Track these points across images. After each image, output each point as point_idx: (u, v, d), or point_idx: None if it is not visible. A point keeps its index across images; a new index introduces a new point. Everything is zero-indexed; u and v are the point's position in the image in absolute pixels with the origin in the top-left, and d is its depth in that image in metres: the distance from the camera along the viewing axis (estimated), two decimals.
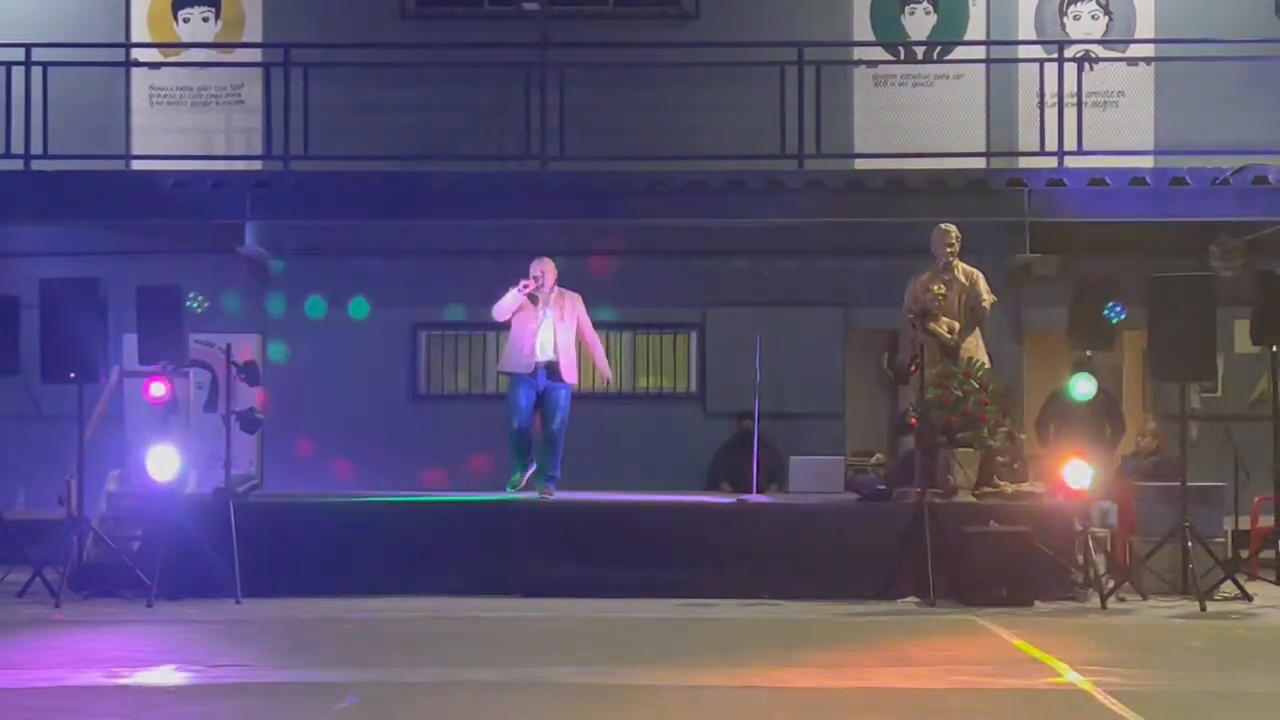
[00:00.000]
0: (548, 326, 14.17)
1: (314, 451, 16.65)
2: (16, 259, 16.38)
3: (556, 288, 14.28)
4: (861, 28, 17.36)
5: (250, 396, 14.86)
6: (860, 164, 16.71)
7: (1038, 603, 12.97)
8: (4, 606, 12.81)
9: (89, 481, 13.95)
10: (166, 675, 10.04)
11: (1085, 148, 16.26)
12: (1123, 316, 13.45)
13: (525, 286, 14.11)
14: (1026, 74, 16.90)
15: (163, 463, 13.24)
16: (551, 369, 14.18)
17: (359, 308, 16.97)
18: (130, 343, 14.43)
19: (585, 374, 14.95)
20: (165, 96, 17.40)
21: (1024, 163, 16.70)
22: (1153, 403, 16.61)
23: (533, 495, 14.18)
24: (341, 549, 13.49)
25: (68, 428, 13.80)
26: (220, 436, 13.57)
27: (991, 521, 13.28)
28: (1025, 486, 14.23)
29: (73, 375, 13.43)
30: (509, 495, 14.10)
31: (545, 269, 14.24)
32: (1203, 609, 12.76)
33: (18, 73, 16.28)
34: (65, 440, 13.92)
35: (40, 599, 12.98)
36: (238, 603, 12.89)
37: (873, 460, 16.54)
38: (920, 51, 17.37)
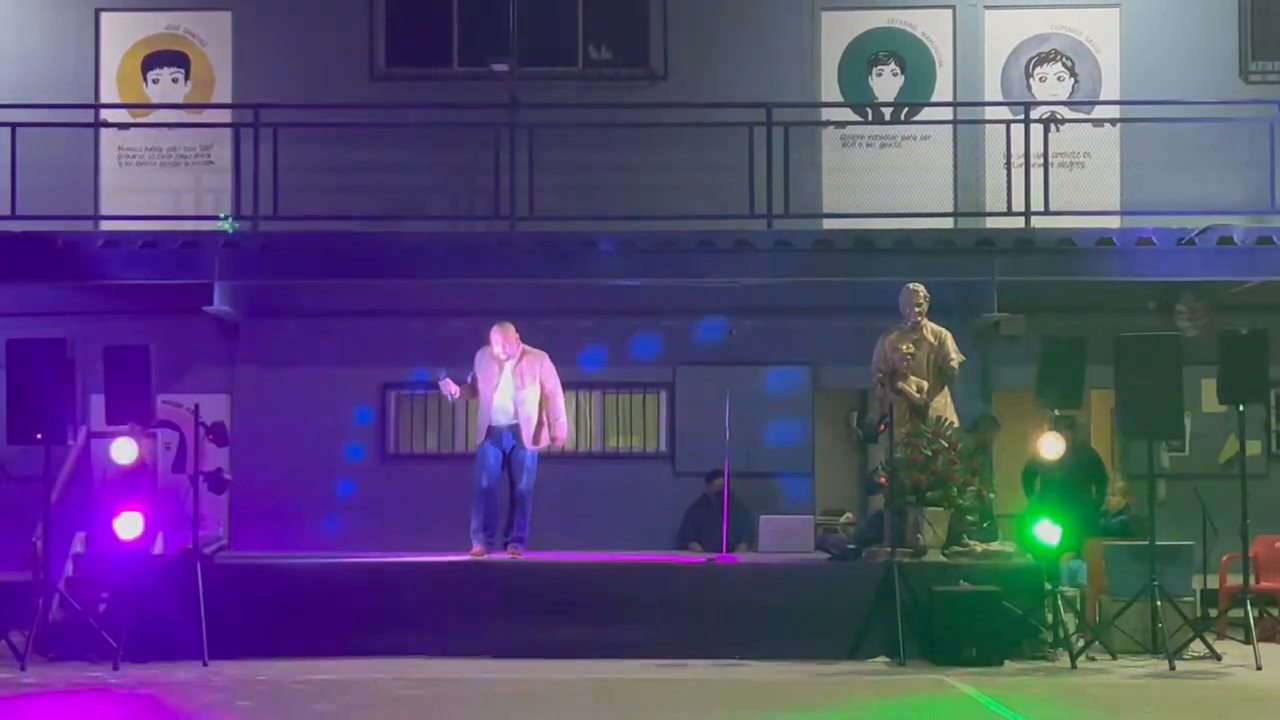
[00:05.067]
0: (505, 391, 14.16)
1: (282, 512, 16.55)
2: None
3: (522, 347, 14.28)
4: (829, 89, 17.46)
5: (218, 457, 14.81)
6: (828, 224, 16.76)
7: (1008, 662, 12.97)
8: None
9: (55, 543, 13.86)
10: None
11: (1052, 208, 16.33)
12: None
13: (451, 394, 14.31)
14: (993, 135, 16.98)
15: (129, 524, 13.18)
16: (514, 432, 14.17)
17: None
18: (98, 403, 14.37)
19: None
20: (134, 157, 17.39)
21: (991, 222, 16.76)
22: (1121, 461, 16.65)
23: (502, 556, 14.15)
24: (310, 610, 13.44)
25: (34, 489, 13.72)
26: (188, 497, 13.51)
27: (961, 581, 13.29)
28: (995, 546, 14.23)
29: (39, 436, 13.36)
30: (477, 556, 14.06)
31: (506, 336, 14.21)
32: (1172, 668, 12.77)
33: None
34: (31, 501, 13.83)
35: (5, 662, 12.87)
36: (205, 665, 12.82)
37: (842, 519, 16.54)
38: (888, 113, 17.47)
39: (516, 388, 14.17)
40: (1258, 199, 16.45)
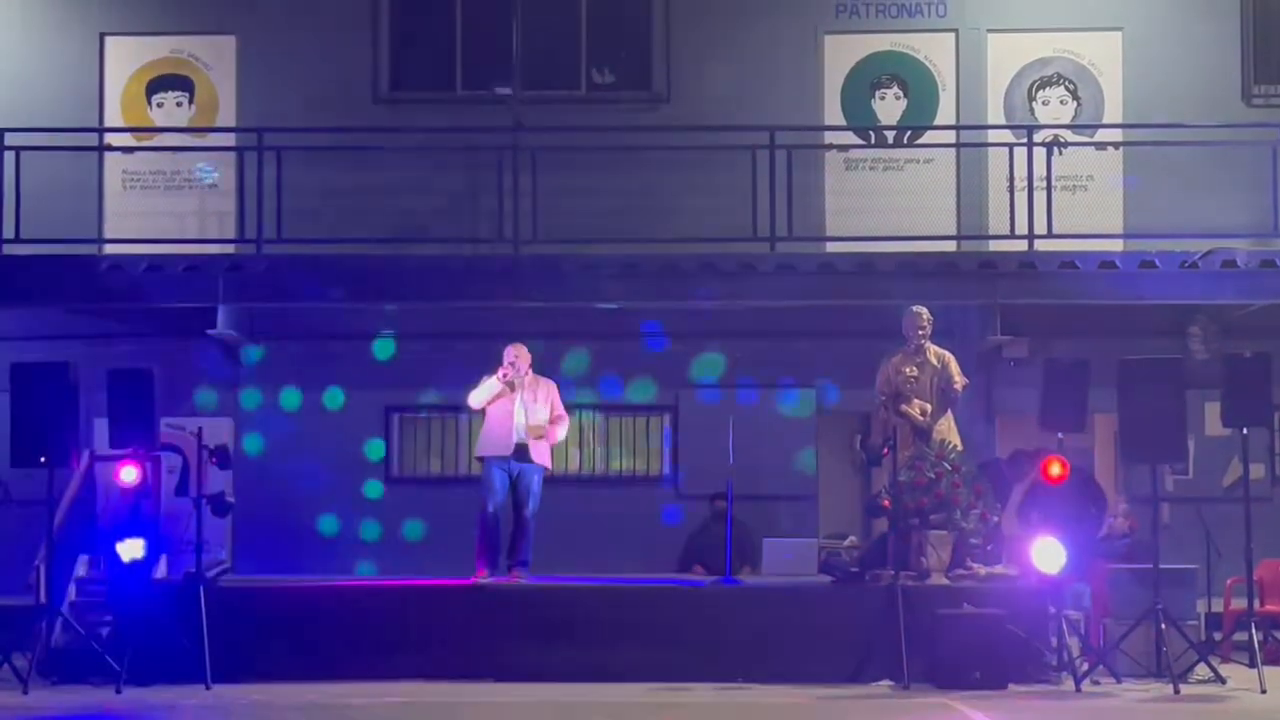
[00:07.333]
0: (520, 411, 14.16)
1: (285, 535, 16.54)
2: None
3: (531, 373, 14.29)
4: (832, 112, 17.48)
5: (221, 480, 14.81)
6: (832, 247, 16.75)
7: (1012, 685, 12.93)
8: None
9: (58, 566, 13.85)
10: None
11: (1055, 231, 16.32)
12: None
13: (504, 374, 14.12)
14: (996, 158, 16.97)
15: (133, 548, 13.17)
16: (523, 452, 14.16)
17: (333, 398, 16.97)
18: (101, 427, 14.37)
19: (557, 457, 14.95)
20: (138, 180, 17.43)
21: (994, 245, 16.76)
22: (1124, 484, 16.64)
23: (505, 580, 14.13)
24: (313, 634, 13.42)
25: (37, 512, 13.72)
26: (191, 520, 13.51)
27: (965, 604, 13.26)
28: (998, 569, 14.21)
29: (43, 459, 13.36)
30: (480, 580, 14.05)
31: (520, 355, 14.25)
32: (1177, 692, 12.74)
33: None
34: (34, 525, 13.83)
35: (8, 686, 12.86)
36: (208, 688, 12.80)
37: (846, 543, 16.50)
38: (891, 136, 17.49)
39: (528, 404, 14.17)
40: (1261, 222, 16.44)
